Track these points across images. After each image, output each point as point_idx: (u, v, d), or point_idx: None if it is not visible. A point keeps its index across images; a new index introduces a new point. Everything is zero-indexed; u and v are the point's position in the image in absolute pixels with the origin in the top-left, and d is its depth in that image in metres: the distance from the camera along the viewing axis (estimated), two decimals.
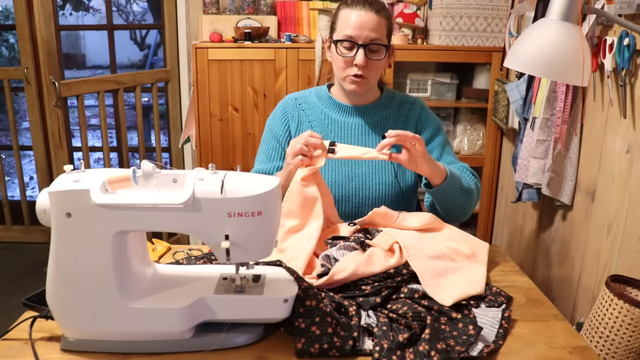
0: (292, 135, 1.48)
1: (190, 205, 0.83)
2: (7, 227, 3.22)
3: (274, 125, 1.50)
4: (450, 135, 2.65)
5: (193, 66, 2.47)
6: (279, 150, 1.48)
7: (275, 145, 1.49)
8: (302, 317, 0.91)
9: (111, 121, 4.74)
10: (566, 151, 1.77)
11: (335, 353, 0.88)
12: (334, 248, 1.13)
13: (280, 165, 1.46)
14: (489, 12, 2.40)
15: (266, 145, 1.51)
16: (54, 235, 0.84)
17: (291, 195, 1.21)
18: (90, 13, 8.87)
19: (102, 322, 0.87)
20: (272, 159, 1.48)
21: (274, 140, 1.49)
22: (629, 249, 1.48)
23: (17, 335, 0.92)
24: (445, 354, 0.85)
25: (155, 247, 1.30)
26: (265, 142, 1.52)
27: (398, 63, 2.52)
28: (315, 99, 1.50)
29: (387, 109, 1.49)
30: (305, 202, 1.21)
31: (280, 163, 1.47)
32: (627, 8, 1.39)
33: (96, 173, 0.85)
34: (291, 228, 1.19)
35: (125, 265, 0.88)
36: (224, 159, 2.57)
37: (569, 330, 0.98)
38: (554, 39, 1.01)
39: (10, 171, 4.82)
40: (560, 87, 1.71)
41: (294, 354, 0.88)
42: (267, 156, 1.49)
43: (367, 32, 1.33)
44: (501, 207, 2.61)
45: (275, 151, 1.48)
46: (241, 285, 0.93)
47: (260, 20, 2.59)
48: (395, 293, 1.04)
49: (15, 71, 3.00)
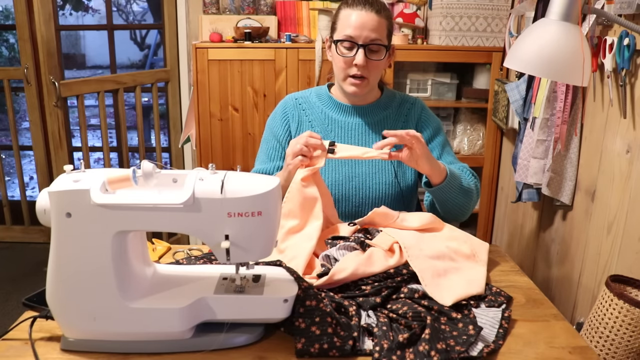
0: (293, 135, 1.48)
1: (190, 205, 0.83)
2: (7, 227, 3.22)
3: (274, 125, 1.50)
4: (450, 135, 2.65)
5: (193, 66, 2.47)
6: (279, 150, 1.48)
7: (276, 145, 1.49)
8: (302, 317, 0.91)
9: (111, 121, 4.74)
10: (566, 151, 1.77)
11: (335, 353, 0.88)
12: (334, 248, 1.13)
13: (280, 165, 1.46)
14: (489, 12, 2.40)
15: (266, 145, 1.51)
16: (54, 235, 0.84)
17: (291, 196, 1.21)
18: (90, 13, 8.87)
19: (102, 322, 0.87)
20: (273, 158, 1.48)
21: (274, 140, 1.49)
22: (629, 249, 1.48)
23: (17, 335, 0.92)
24: (445, 354, 0.85)
25: (155, 247, 1.30)
26: (266, 142, 1.52)
27: (398, 63, 2.52)
28: (316, 98, 1.50)
29: (387, 109, 1.49)
30: (305, 203, 1.21)
31: (281, 163, 1.47)
32: (627, 8, 1.39)
33: (96, 173, 0.85)
34: (291, 228, 1.19)
35: (125, 265, 0.88)
36: (224, 159, 2.57)
37: (569, 330, 0.98)
38: (554, 39, 1.01)
39: (10, 171, 4.82)
40: (560, 87, 1.71)
41: (294, 354, 0.88)
42: (267, 156, 1.49)
43: (368, 32, 1.33)
44: (501, 207, 2.61)
45: (275, 151, 1.49)
46: (241, 285, 0.93)
47: (260, 20, 2.59)
48: (395, 293, 1.04)
49: (15, 71, 3.00)
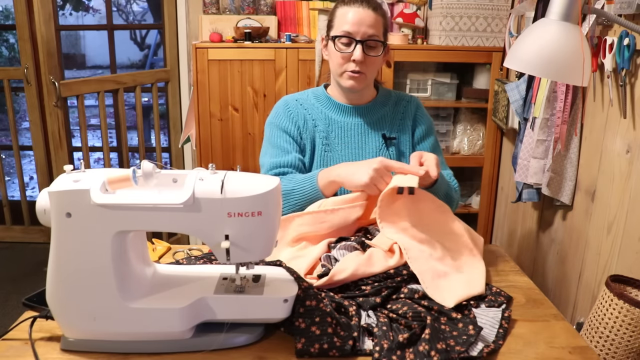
0: (301, 130, 1.44)
1: (190, 205, 0.83)
2: (7, 227, 3.22)
3: (280, 121, 1.46)
4: (450, 135, 2.65)
5: (193, 66, 2.47)
6: (292, 142, 1.43)
7: (288, 138, 1.44)
8: (302, 317, 0.91)
9: (111, 121, 4.74)
10: (566, 151, 1.77)
11: (335, 353, 0.88)
12: (334, 249, 1.13)
13: (298, 156, 1.42)
14: (489, 12, 2.40)
15: (276, 139, 1.45)
16: (54, 235, 0.84)
17: (337, 216, 1.19)
18: (90, 13, 8.87)
19: (102, 322, 0.87)
20: (288, 151, 1.42)
21: (284, 134, 1.44)
22: (629, 249, 1.48)
23: (17, 335, 0.92)
24: (445, 354, 0.85)
25: (155, 247, 1.30)
26: (275, 137, 1.45)
27: (398, 63, 2.52)
28: (314, 100, 1.50)
29: (385, 107, 1.49)
30: (342, 224, 1.20)
31: (298, 154, 1.42)
32: (627, 8, 1.39)
33: (96, 173, 0.85)
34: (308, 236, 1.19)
35: (125, 265, 0.88)
36: (224, 159, 2.57)
37: (569, 330, 0.98)
38: (554, 39, 1.01)
39: (10, 171, 4.82)
40: (560, 87, 1.71)
41: (294, 354, 0.88)
42: (281, 149, 1.43)
43: (365, 28, 1.34)
44: (501, 207, 2.61)
45: (289, 143, 1.43)
46: (241, 285, 0.93)
47: (260, 20, 2.59)
48: (395, 293, 1.04)
49: (15, 71, 3.00)
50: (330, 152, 1.44)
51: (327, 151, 1.44)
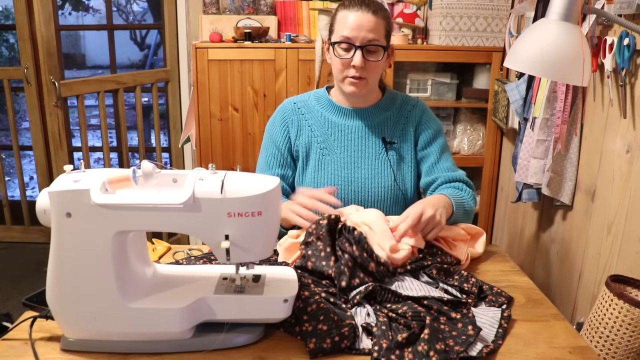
0: (292, 142, 1.47)
1: (190, 205, 0.83)
2: (7, 227, 3.22)
3: (274, 131, 1.49)
4: (450, 135, 2.65)
5: (193, 66, 2.47)
6: (278, 157, 1.48)
7: (275, 152, 1.48)
8: (307, 322, 0.92)
9: (111, 121, 4.74)
10: (566, 151, 1.77)
11: (347, 343, 0.90)
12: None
13: (279, 173, 1.47)
14: (489, 12, 2.40)
15: (265, 152, 1.50)
16: (54, 235, 0.84)
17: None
18: (90, 13, 8.87)
19: (102, 322, 0.87)
20: (271, 166, 1.48)
21: (273, 147, 1.49)
22: (629, 249, 1.48)
23: (17, 335, 0.92)
24: (444, 355, 0.85)
25: (155, 247, 1.30)
26: (265, 148, 1.51)
27: (398, 63, 2.52)
28: (315, 102, 1.49)
29: (388, 111, 1.47)
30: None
31: (279, 171, 1.47)
32: (627, 8, 1.39)
33: (96, 173, 0.85)
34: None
35: (125, 265, 0.88)
36: (224, 159, 2.57)
37: (569, 330, 0.98)
38: (554, 39, 1.00)
39: (10, 171, 4.82)
40: (560, 87, 1.71)
41: (294, 354, 0.88)
42: (266, 163, 1.49)
43: (365, 33, 1.32)
44: (501, 207, 2.61)
45: (274, 158, 1.48)
46: (241, 285, 0.93)
47: (260, 20, 2.59)
48: (385, 292, 1.04)
49: (15, 71, 3.00)
50: (328, 155, 1.44)
51: (325, 155, 1.44)
